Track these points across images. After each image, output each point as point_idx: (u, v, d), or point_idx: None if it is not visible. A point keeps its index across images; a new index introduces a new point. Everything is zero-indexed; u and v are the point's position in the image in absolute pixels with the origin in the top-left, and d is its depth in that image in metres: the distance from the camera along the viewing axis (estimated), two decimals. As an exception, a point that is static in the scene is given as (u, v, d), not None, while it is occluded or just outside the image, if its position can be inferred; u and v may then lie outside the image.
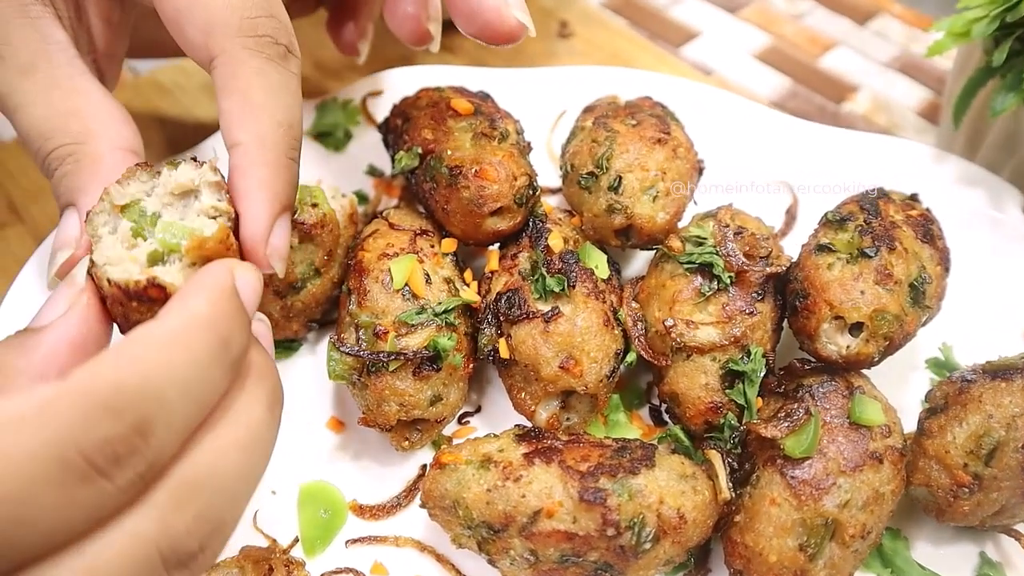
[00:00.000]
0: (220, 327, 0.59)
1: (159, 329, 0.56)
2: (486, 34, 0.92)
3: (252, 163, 0.73)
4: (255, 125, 0.73)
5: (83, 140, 0.80)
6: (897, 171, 1.19)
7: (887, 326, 0.89)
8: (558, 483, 0.83)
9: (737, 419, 0.93)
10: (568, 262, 0.96)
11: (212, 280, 0.62)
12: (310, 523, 0.96)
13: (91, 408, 0.50)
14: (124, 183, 0.73)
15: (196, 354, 0.56)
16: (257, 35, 0.76)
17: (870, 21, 1.77)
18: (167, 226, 0.70)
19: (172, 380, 0.54)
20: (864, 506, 0.85)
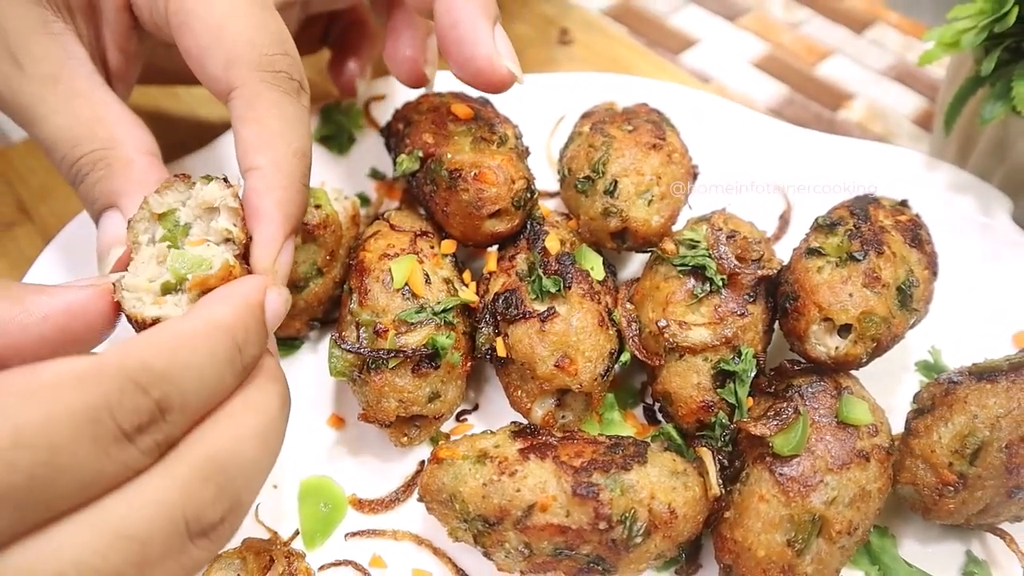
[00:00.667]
0: (238, 334, 0.66)
1: (184, 325, 0.63)
2: (477, 81, 0.95)
3: (269, 186, 0.79)
4: (272, 152, 0.80)
5: (111, 145, 0.85)
6: (889, 177, 1.22)
7: (875, 328, 0.92)
8: (552, 478, 0.85)
9: (728, 418, 0.96)
10: (564, 264, 0.99)
11: (242, 292, 0.70)
12: (310, 516, 0.99)
13: (124, 381, 0.56)
14: (162, 193, 0.78)
15: (212, 352, 0.63)
16: (275, 71, 0.83)
17: (866, 30, 1.79)
18: (178, 256, 0.75)
19: (190, 369, 0.61)
20: (851, 503, 0.87)
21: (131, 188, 0.83)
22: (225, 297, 0.69)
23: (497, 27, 0.94)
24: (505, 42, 0.94)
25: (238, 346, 0.65)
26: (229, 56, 0.81)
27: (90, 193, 0.86)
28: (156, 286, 0.74)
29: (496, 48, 0.92)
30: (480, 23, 0.92)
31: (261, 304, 0.70)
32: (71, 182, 0.88)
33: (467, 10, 0.92)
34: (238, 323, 0.66)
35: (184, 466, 0.59)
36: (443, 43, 0.94)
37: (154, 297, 0.73)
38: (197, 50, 0.83)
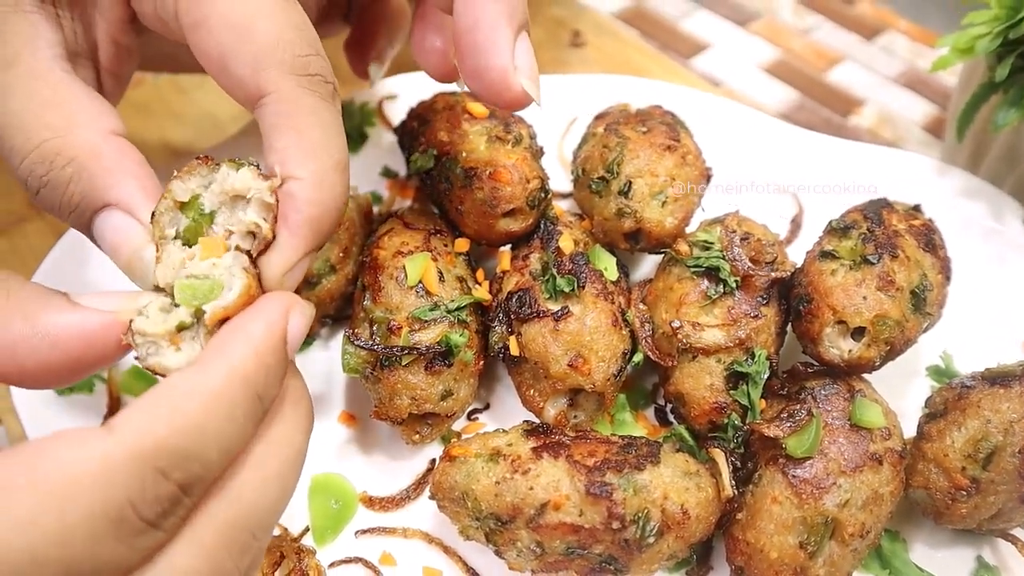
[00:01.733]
0: (259, 383, 0.60)
1: (203, 384, 0.58)
2: (488, 95, 0.85)
3: (308, 201, 0.70)
4: (315, 164, 0.71)
5: (64, 132, 0.73)
6: (901, 182, 1.22)
7: (888, 331, 0.92)
8: (565, 477, 0.85)
9: (741, 419, 0.96)
10: (578, 263, 0.99)
11: (263, 328, 0.62)
12: (321, 513, 0.99)
13: (143, 471, 0.53)
14: (185, 178, 0.71)
15: (232, 412, 0.58)
16: (309, 74, 0.74)
17: (877, 37, 1.80)
18: (186, 288, 0.66)
19: (211, 437, 0.57)
20: (863, 506, 0.87)
21: (116, 181, 0.72)
22: (243, 336, 0.61)
23: (521, 37, 0.84)
24: (527, 56, 0.84)
25: (259, 395, 0.60)
26: (258, 57, 0.72)
27: (65, 197, 0.72)
28: (171, 326, 0.65)
29: (513, 61, 0.82)
30: (501, 29, 0.81)
31: (283, 336, 0.63)
32: (26, 186, 0.74)
33: (489, 12, 0.81)
34: (259, 369, 0.60)
35: (209, 533, 0.56)
36: (458, 47, 0.85)
37: (169, 339, 0.66)
38: (218, 50, 0.73)
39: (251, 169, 0.70)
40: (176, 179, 0.71)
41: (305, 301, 0.67)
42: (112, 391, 1.05)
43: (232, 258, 0.68)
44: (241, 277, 0.66)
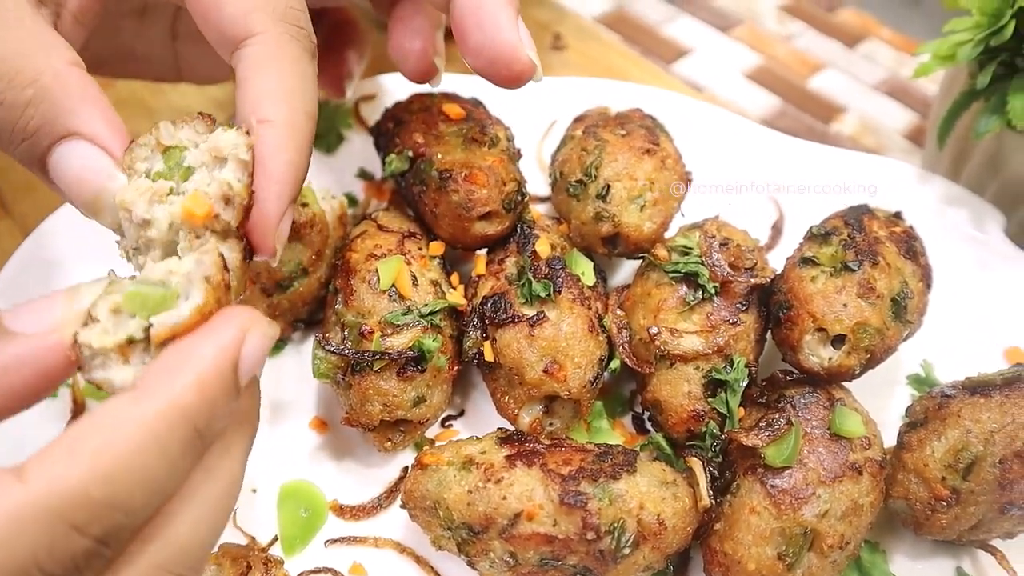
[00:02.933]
0: (201, 417, 0.55)
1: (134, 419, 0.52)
2: (495, 69, 0.86)
3: (282, 145, 0.69)
4: (288, 108, 0.71)
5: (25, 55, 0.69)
6: (882, 189, 1.21)
7: (868, 339, 0.90)
8: (539, 486, 0.83)
9: (719, 428, 0.94)
10: (555, 268, 0.97)
11: (213, 353, 0.56)
12: (290, 522, 0.96)
13: (53, 527, 0.48)
14: (178, 125, 0.69)
15: (169, 450, 0.53)
16: (298, 25, 0.75)
17: (859, 44, 1.79)
18: (134, 297, 0.61)
19: (140, 481, 0.52)
20: (843, 516, 0.85)
21: (84, 109, 0.68)
22: (188, 362, 0.55)
23: (519, 20, 0.87)
24: (527, 34, 0.87)
25: (199, 432, 0.55)
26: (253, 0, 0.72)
27: (21, 121, 0.68)
28: (119, 340, 0.60)
29: (519, 36, 0.85)
30: (506, 8, 0.85)
31: (234, 363, 0.57)
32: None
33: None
34: (201, 404, 0.54)
35: None
36: (461, 25, 0.86)
37: (119, 351, 0.60)
38: None
39: (238, 131, 0.68)
40: (169, 122, 0.68)
41: (268, 320, 0.62)
42: (76, 396, 1.02)
43: (194, 262, 0.63)
44: (200, 289, 0.61)
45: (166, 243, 0.67)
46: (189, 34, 1.13)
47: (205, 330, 0.59)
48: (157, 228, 0.66)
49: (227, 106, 1.49)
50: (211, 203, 0.65)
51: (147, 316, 0.60)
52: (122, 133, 0.70)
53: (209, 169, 0.68)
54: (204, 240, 0.66)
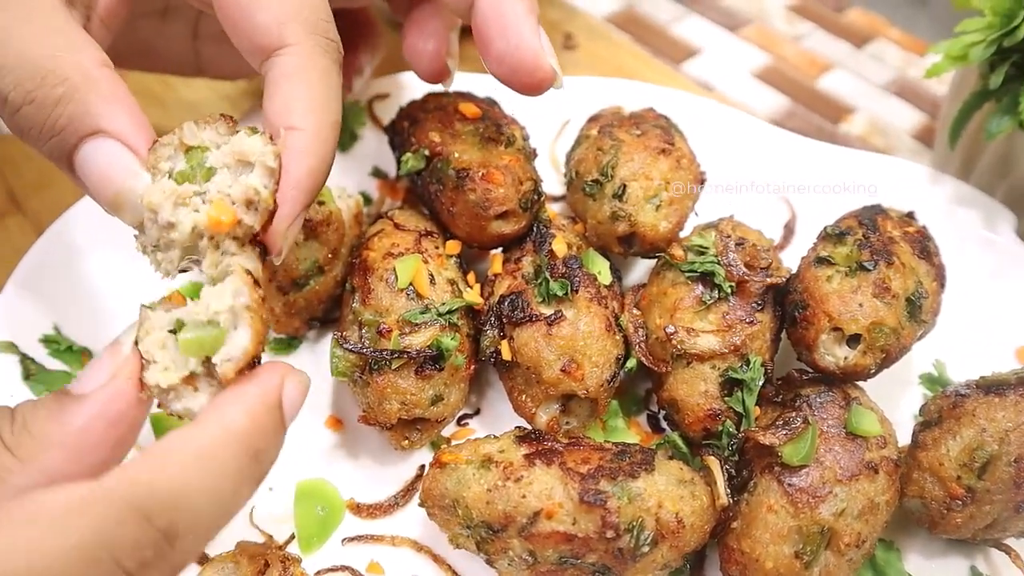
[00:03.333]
0: (255, 442, 0.61)
1: (195, 439, 0.58)
2: (517, 76, 0.89)
3: (306, 152, 0.73)
4: (316, 118, 0.74)
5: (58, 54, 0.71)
6: (894, 189, 1.21)
7: (884, 339, 0.91)
8: (558, 484, 0.83)
9: (735, 427, 0.94)
10: (572, 267, 0.97)
11: (258, 392, 0.63)
12: (307, 520, 0.96)
13: (125, 511, 0.52)
14: (201, 126, 0.71)
15: (228, 468, 0.59)
16: (329, 38, 0.78)
17: (867, 45, 1.80)
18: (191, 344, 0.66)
19: (204, 491, 0.57)
20: (859, 515, 0.85)
21: (111, 108, 0.70)
22: (238, 396, 0.63)
23: (540, 27, 0.90)
24: (548, 41, 0.89)
25: (255, 455, 0.61)
26: (287, 10, 0.76)
27: (51, 119, 0.70)
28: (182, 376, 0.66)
29: (541, 43, 0.88)
30: (527, 17, 0.87)
31: (278, 399, 0.64)
32: (5, 103, 0.72)
33: (515, 4, 0.87)
34: (255, 429, 0.61)
35: None
36: (484, 33, 0.88)
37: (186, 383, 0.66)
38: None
39: (263, 136, 0.70)
40: (192, 123, 0.70)
41: (300, 371, 0.68)
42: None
43: (231, 293, 0.66)
44: (245, 318, 0.66)
45: (187, 244, 0.69)
46: (211, 34, 1.15)
47: (246, 384, 0.65)
48: (180, 231, 0.68)
49: (238, 101, 1.49)
50: (235, 210, 0.68)
51: (205, 356, 0.66)
52: (148, 132, 0.72)
53: (231, 171, 0.69)
54: (224, 248, 0.69)
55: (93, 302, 1.09)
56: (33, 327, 1.03)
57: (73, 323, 1.06)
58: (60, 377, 1.01)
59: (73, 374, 1.02)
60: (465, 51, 1.55)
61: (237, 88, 1.51)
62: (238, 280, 0.67)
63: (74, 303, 1.07)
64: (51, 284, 1.07)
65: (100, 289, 1.10)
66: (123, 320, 1.07)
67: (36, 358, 1.01)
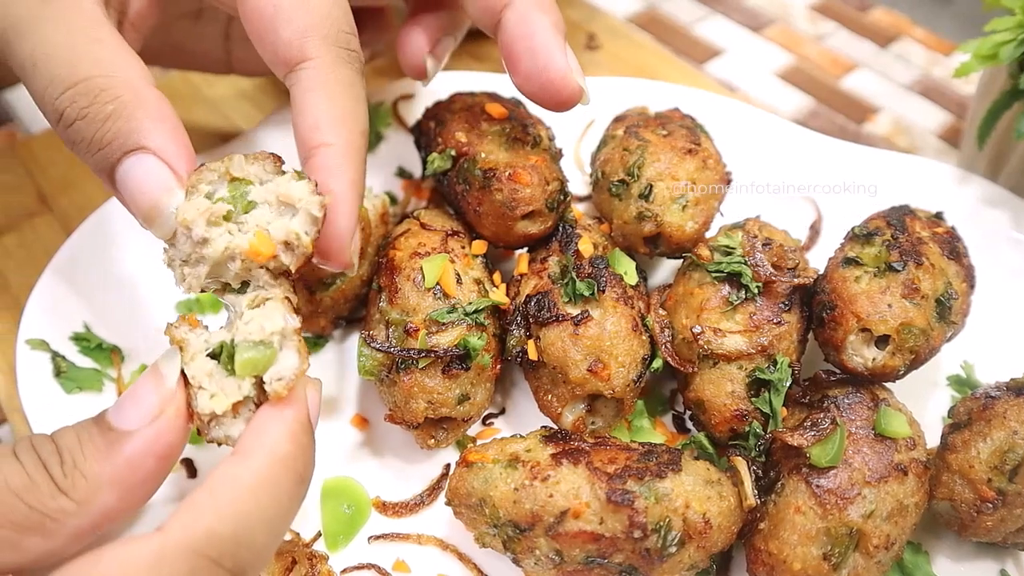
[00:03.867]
0: (299, 464, 0.64)
1: (247, 474, 0.61)
2: (545, 94, 0.91)
3: (342, 166, 0.76)
4: (346, 130, 0.77)
5: (112, 73, 0.74)
6: (920, 190, 1.20)
7: (913, 340, 0.90)
8: (586, 484, 0.83)
9: (762, 427, 0.94)
10: (598, 267, 0.97)
11: (293, 413, 0.66)
12: (333, 518, 0.97)
13: (196, 560, 0.56)
14: (251, 161, 0.74)
15: (279, 495, 0.62)
16: (350, 49, 0.81)
17: (891, 44, 1.78)
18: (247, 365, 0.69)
19: (261, 522, 0.60)
20: (888, 517, 0.85)
21: (155, 127, 0.73)
22: (279, 422, 0.66)
23: (566, 45, 0.92)
24: (575, 60, 0.92)
25: (301, 478, 0.64)
26: (308, 25, 0.78)
27: (99, 133, 0.73)
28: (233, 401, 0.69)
29: (569, 63, 0.90)
30: (555, 37, 0.90)
31: (308, 415, 0.68)
32: (60, 117, 0.75)
33: (543, 23, 0.90)
34: (298, 452, 0.64)
35: None
36: (512, 52, 0.91)
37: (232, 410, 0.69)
38: (272, 10, 0.79)
39: (309, 184, 0.73)
40: (242, 156, 0.74)
41: (312, 378, 0.71)
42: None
43: (281, 317, 0.71)
44: (293, 341, 0.70)
45: (217, 262, 0.73)
46: (242, 36, 1.14)
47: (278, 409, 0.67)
48: (213, 248, 0.71)
49: (254, 96, 1.50)
50: (276, 245, 0.72)
51: (257, 375, 0.69)
52: (188, 153, 0.75)
53: (272, 208, 0.73)
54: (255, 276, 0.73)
55: (122, 301, 1.10)
56: (64, 325, 1.05)
57: (103, 321, 1.07)
58: (90, 375, 1.02)
59: (103, 372, 1.03)
60: (485, 51, 1.57)
61: (255, 85, 1.52)
62: (282, 306, 0.71)
63: (104, 302, 1.08)
64: (81, 283, 1.09)
65: (129, 288, 1.11)
66: (152, 319, 1.10)
67: (67, 356, 1.02)
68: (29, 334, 1.02)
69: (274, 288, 0.73)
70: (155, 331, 1.10)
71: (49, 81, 0.74)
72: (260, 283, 0.74)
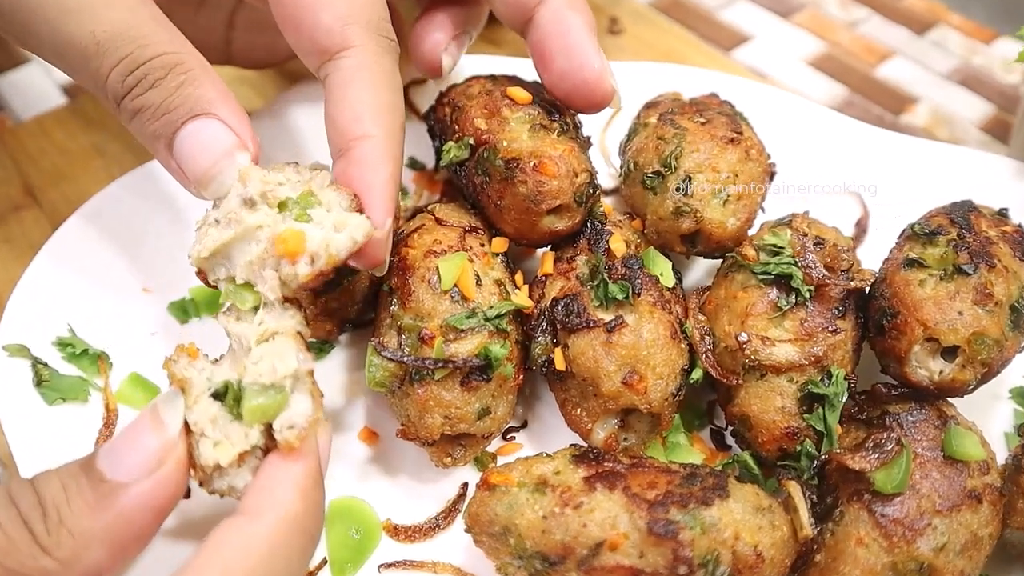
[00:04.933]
0: (310, 523, 0.63)
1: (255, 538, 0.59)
2: (578, 94, 0.91)
3: (383, 158, 0.76)
4: (386, 121, 0.76)
5: (183, 49, 0.76)
6: (974, 184, 1.11)
7: (986, 351, 0.81)
8: (623, 512, 0.74)
9: (815, 447, 0.85)
10: (632, 268, 0.88)
11: (303, 468, 0.64)
12: (340, 543, 0.88)
13: None
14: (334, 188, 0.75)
15: (291, 557, 0.61)
16: (389, 37, 0.80)
17: (928, 31, 1.69)
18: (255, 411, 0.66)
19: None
20: (962, 551, 0.76)
21: (222, 99, 0.75)
22: (289, 478, 0.64)
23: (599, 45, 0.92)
24: (606, 61, 0.91)
25: (312, 536, 0.64)
26: (350, 12, 0.77)
27: (168, 99, 0.74)
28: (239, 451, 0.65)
29: (603, 64, 0.90)
30: (589, 36, 0.89)
31: (319, 465, 0.66)
32: (125, 92, 0.75)
33: (577, 21, 0.89)
34: (309, 509, 0.63)
35: None
36: (545, 50, 0.91)
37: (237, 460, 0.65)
38: None
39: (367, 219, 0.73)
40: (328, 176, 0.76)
41: (323, 423, 0.69)
42: (108, 402, 0.94)
43: (296, 359, 0.67)
44: (307, 392, 0.67)
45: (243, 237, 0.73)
46: (247, 25, 1.15)
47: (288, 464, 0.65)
48: (252, 217, 0.72)
49: (261, 88, 1.42)
50: (305, 247, 0.70)
51: (266, 421, 0.66)
52: (249, 128, 0.76)
53: (320, 228, 0.72)
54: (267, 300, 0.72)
55: (111, 303, 1.02)
56: (46, 329, 0.96)
57: (89, 325, 0.99)
58: (74, 383, 0.93)
59: (89, 380, 0.94)
60: (500, 36, 1.48)
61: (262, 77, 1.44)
62: (294, 343, 0.67)
63: (91, 304, 1.00)
64: (66, 283, 1.01)
65: (119, 289, 1.03)
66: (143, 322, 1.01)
67: (49, 362, 0.94)
68: (8, 339, 0.94)
69: (284, 319, 0.70)
70: (146, 336, 1.02)
71: (120, 59, 0.75)
72: (267, 300, 0.71)
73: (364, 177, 0.74)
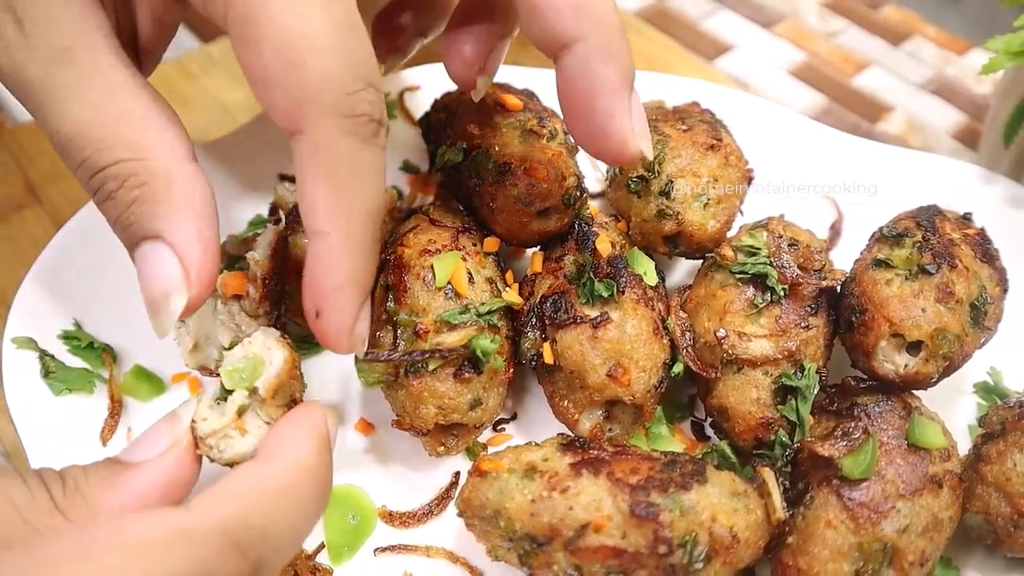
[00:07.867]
0: (320, 478, 0.64)
1: (272, 475, 0.62)
2: (602, 155, 0.82)
3: (339, 258, 0.69)
4: (343, 217, 0.69)
5: (143, 155, 0.70)
6: (942, 190, 1.17)
7: (948, 346, 0.86)
8: (607, 496, 0.79)
9: (788, 436, 0.90)
10: (617, 267, 0.93)
11: (313, 427, 0.66)
12: (337, 529, 0.92)
13: (222, 542, 0.55)
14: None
15: (304, 502, 0.62)
16: (355, 115, 0.68)
17: (903, 43, 1.75)
18: (232, 374, 0.73)
19: (285, 523, 0.60)
20: (923, 532, 0.81)
21: (176, 214, 0.70)
22: (302, 433, 0.66)
23: (634, 96, 0.80)
24: (641, 116, 0.81)
25: (321, 491, 0.64)
26: (303, 92, 0.66)
27: (123, 215, 0.71)
28: (232, 414, 0.71)
29: (632, 125, 0.79)
30: (621, 93, 0.78)
31: (328, 434, 0.67)
32: (92, 193, 0.72)
33: (607, 76, 0.76)
34: (322, 464, 0.65)
35: None
36: (570, 106, 0.80)
37: (236, 427, 0.71)
38: (264, 74, 0.67)
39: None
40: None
41: (331, 410, 0.72)
42: (113, 393, 0.98)
43: (263, 333, 0.76)
44: (279, 346, 0.74)
45: None
46: None
47: (296, 413, 0.69)
48: None
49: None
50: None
51: (247, 384, 0.72)
52: (207, 246, 0.71)
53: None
54: None
55: (115, 297, 1.04)
56: (53, 323, 1.00)
57: (94, 319, 1.02)
58: (80, 375, 0.97)
59: (94, 372, 0.98)
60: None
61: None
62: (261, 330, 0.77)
63: (95, 298, 1.03)
64: (71, 278, 1.03)
65: (122, 284, 1.05)
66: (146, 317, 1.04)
67: (56, 355, 0.97)
68: (15, 332, 0.97)
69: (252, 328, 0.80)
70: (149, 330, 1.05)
71: (82, 163, 0.71)
72: None
73: (318, 279, 0.70)
